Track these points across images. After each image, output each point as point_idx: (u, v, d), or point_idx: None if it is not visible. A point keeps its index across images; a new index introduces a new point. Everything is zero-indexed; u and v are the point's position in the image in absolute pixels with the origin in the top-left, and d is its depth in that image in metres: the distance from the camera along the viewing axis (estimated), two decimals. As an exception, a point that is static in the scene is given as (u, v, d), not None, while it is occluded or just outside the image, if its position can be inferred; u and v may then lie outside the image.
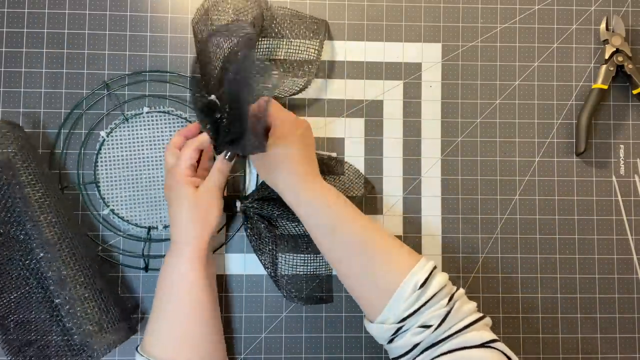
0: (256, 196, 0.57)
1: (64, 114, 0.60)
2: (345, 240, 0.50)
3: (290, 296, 0.58)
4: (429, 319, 0.45)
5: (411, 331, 0.46)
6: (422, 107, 0.63)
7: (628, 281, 0.62)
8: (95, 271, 0.55)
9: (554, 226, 0.63)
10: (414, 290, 0.46)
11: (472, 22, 0.64)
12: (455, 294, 0.47)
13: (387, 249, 0.49)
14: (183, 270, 0.52)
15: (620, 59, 0.63)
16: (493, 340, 0.45)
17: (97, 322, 0.52)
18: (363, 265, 0.49)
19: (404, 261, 0.48)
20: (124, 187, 0.60)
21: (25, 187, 0.51)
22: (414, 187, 0.62)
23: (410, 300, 0.46)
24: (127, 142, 0.60)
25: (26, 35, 0.60)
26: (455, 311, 0.46)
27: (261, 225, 0.57)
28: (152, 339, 0.52)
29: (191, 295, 0.52)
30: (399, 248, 0.50)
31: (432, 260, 0.49)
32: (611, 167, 0.64)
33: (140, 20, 0.61)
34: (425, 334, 0.45)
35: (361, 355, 0.60)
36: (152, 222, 0.60)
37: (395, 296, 0.47)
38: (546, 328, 0.62)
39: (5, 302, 0.52)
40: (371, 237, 0.50)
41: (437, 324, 0.45)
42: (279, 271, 0.58)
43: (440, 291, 0.47)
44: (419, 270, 0.47)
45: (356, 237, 0.49)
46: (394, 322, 0.47)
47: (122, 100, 0.60)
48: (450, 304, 0.46)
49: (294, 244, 0.59)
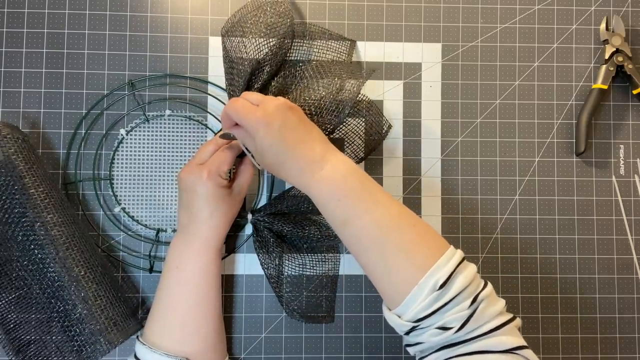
0: (268, 210, 0.58)
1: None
2: (358, 235, 0.46)
3: (291, 313, 0.59)
4: (449, 321, 0.42)
5: (429, 331, 0.42)
6: (422, 107, 0.63)
7: (628, 281, 0.62)
8: (103, 268, 0.55)
9: (554, 226, 0.63)
10: (432, 290, 0.42)
11: (472, 22, 0.64)
12: (480, 294, 0.43)
13: (406, 244, 0.44)
14: (207, 262, 0.53)
15: (620, 59, 0.63)
16: (520, 347, 0.41)
17: (110, 318, 0.53)
18: (377, 261, 0.45)
19: (425, 257, 0.44)
20: (137, 187, 0.60)
21: (29, 188, 0.52)
22: (414, 187, 0.62)
23: (428, 300, 0.42)
24: (145, 142, 0.60)
25: (26, 35, 0.60)
26: (479, 313, 0.42)
27: (270, 240, 0.58)
28: (156, 328, 0.52)
29: (209, 286, 0.53)
30: (420, 241, 0.45)
31: (459, 252, 0.45)
32: (611, 167, 0.64)
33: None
34: (444, 335, 0.42)
35: (361, 355, 0.60)
36: (162, 225, 0.60)
37: (411, 296, 0.43)
38: (546, 328, 0.62)
39: (5, 303, 0.52)
40: (385, 232, 0.45)
41: (458, 326, 0.41)
42: (282, 287, 0.58)
43: (464, 291, 0.42)
44: (440, 268, 0.43)
45: (369, 233, 0.45)
46: (409, 320, 0.43)
47: (145, 101, 0.60)
48: (473, 306, 0.42)
49: (300, 262, 0.60)
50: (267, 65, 0.57)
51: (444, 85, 0.63)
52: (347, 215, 0.46)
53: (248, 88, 0.57)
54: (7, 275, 0.52)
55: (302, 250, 0.60)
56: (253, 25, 0.57)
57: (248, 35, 0.57)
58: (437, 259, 0.43)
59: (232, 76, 0.57)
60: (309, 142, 0.48)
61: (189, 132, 0.61)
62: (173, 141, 0.61)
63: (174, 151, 0.61)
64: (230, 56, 0.57)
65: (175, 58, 0.61)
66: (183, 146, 0.61)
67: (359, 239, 0.46)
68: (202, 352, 0.52)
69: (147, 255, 0.60)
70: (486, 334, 0.42)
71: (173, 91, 0.61)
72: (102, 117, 0.60)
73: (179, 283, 0.52)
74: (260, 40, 0.57)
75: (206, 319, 0.53)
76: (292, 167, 0.48)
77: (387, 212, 0.46)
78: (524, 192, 0.63)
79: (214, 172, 0.52)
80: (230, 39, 0.58)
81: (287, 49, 0.60)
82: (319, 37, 0.62)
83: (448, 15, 0.64)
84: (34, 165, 0.53)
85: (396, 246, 0.44)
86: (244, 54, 0.57)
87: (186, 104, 0.61)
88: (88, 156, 0.60)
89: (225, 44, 0.58)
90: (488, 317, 0.42)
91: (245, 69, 0.56)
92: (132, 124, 0.60)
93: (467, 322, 0.42)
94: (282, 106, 0.48)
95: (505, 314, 0.44)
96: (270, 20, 0.58)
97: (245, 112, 0.48)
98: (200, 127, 0.61)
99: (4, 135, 0.52)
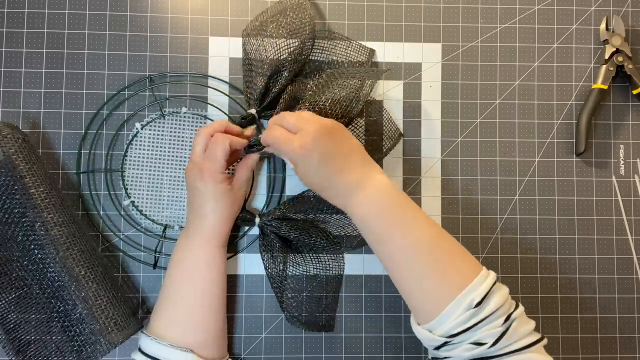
0: (276, 215, 0.58)
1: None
2: (393, 253, 0.48)
3: (291, 319, 0.59)
4: (483, 337, 0.43)
5: (463, 346, 0.44)
6: (422, 107, 0.63)
7: (628, 281, 0.62)
8: (103, 268, 0.55)
9: (554, 226, 0.63)
10: (468, 308, 0.44)
11: (472, 22, 0.64)
12: (513, 314, 0.45)
13: (441, 263, 0.46)
14: (210, 256, 0.53)
15: (620, 59, 0.63)
16: None
17: (110, 317, 0.53)
18: (411, 278, 0.47)
19: (460, 276, 0.45)
20: (148, 182, 0.60)
21: (30, 188, 0.52)
22: (414, 187, 0.62)
23: (463, 317, 0.44)
24: (160, 138, 0.60)
25: (26, 35, 0.60)
26: (512, 331, 0.44)
27: (276, 245, 0.58)
28: (161, 321, 0.52)
29: (212, 280, 0.53)
30: (455, 260, 0.47)
31: (492, 274, 0.47)
32: (611, 167, 0.64)
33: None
34: (477, 350, 0.43)
35: (361, 355, 0.60)
36: (169, 221, 0.60)
37: (446, 312, 0.44)
38: (546, 328, 0.62)
39: (5, 303, 0.52)
40: (421, 252, 0.47)
41: (491, 342, 0.43)
42: (285, 292, 0.59)
43: (498, 310, 0.44)
44: (476, 287, 0.45)
45: (405, 252, 0.47)
46: (442, 335, 0.45)
47: (162, 97, 0.60)
48: (506, 324, 0.44)
49: (304, 269, 0.60)
50: (285, 70, 0.58)
51: (444, 85, 0.63)
52: (384, 235, 0.48)
53: (266, 91, 0.58)
54: (7, 275, 0.52)
55: (307, 257, 0.60)
56: (274, 30, 0.58)
57: (269, 39, 0.58)
58: (472, 279, 0.45)
59: (251, 79, 0.58)
60: (347, 170, 0.49)
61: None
62: (186, 139, 0.61)
63: (187, 148, 0.60)
64: (250, 58, 0.58)
65: (175, 58, 0.61)
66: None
67: (394, 257, 0.48)
68: (205, 344, 0.53)
69: (153, 251, 0.60)
70: (518, 351, 0.44)
71: (191, 90, 0.61)
72: (123, 105, 0.60)
73: (184, 276, 0.53)
74: (281, 44, 0.57)
75: (210, 312, 0.53)
76: (331, 194, 0.50)
77: (423, 232, 0.47)
78: (524, 192, 0.63)
79: (212, 170, 0.52)
80: (251, 41, 0.58)
81: (308, 54, 0.61)
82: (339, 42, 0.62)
83: (448, 15, 0.64)
84: (34, 165, 0.53)
85: (432, 266, 0.46)
86: (264, 57, 0.57)
87: (203, 103, 0.61)
88: (101, 147, 0.60)
89: (246, 46, 0.59)
90: (520, 335, 0.44)
91: (264, 72, 0.57)
92: (147, 118, 0.60)
93: (500, 339, 0.43)
94: (320, 133, 0.48)
95: (535, 334, 0.45)
96: (294, 26, 0.58)
97: (284, 143, 0.49)
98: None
99: (4, 135, 0.52)
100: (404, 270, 0.47)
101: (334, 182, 0.49)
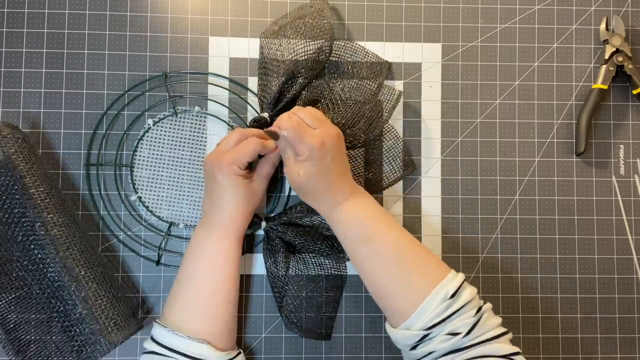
0: (282, 220, 0.58)
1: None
2: (377, 251, 0.51)
3: (290, 325, 0.59)
4: (458, 327, 0.47)
5: (439, 338, 0.47)
6: (422, 107, 0.63)
7: (628, 281, 0.62)
8: (104, 268, 0.55)
9: (554, 226, 0.63)
10: (443, 300, 0.47)
11: (472, 22, 0.64)
12: (483, 307, 0.48)
13: (419, 260, 0.51)
14: (229, 247, 0.53)
15: (620, 59, 0.63)
16: (515, 353, 0.47)
17: (110, 317, 0.53)
18: (393, 276, 0.50)
19: (434, 273, 0.50)
20: (156, 178, 0.60)
21: (30, 188, 0.52)
22: (414, 187, 0.62)
23: (439, 309, 0.47)
24: (170, 135, 0.60)
25: (26, 35, 0.60)
26: (483, 322, 0.47)
27: (280, 249, 0.58)
28: (177, 312, 0.52)
29: (230, 271, 0.53)
30: (429, 260, 0.51)
31: (461, 273, 0.50)
32: (611, 167, 0.64)
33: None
34: (452, 340, 0.46)
35: (361, 355, 0.60)
36: (175, 219, 0.60)
37: (424, 305, 0.48)
38: (546, 328, 0.62)
39: (5, 303, 0.52)
40: (403, 249, 0.51)
41: (465, 331, 0.46)
42: (285, 297, 0.59)
43: (470, 302, 0.48)
44: (449, 282, 0.49)
45: (388, 249, 0.51)
46: (420, 329, 0.48)
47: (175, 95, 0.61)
48: (478, 315, 0.47)
49: (306, 276, 0.60)
50: (301, 77, 0.58)
51: (444, 85, 0.63)
52: (369, 234, 0.51)
53: (280, 96, 0.58)
54: (7, 275, 0.52)
55: (309, 264, 0.60)
56: (293, 35, 0.59)
57: (287, 41, 0.58)
58: (446, 275, 0.49)
59: (266, 82, 0.58)
60: (342, 182, 0.53)
61: (215, 131, 0.61)
62: (196, 138, 0.61)
63: (196, 148, 0.60)
64: (266, 61, 0.58)
65: (175, 58, 0.61)
66: (206, 144, 0.61)
67: (379, 254, 0.51)
68: (221, 336, 0.52)
69: (157, 247, 0.60)
70: (488, 341, 0.47)
71: (203, 89, 0.61)
72: (133, 103, 0.60)
73: (202, 267, 0.53)
74: (299, 49, 0.58)
75: (227, 303, 0.53)
76: (321, 201, 0.53)
77: (402, 233, 0.53)
78: (524, 192, 0.63)
79: (232, 161, 0.52)
80: (269, 45, 0.59)
81: (324, 62, 0.61)
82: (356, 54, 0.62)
83: (448, 15, 0.64)
84: (34, 165, 0.53)
85: (413, 260, 0.51)
86: (280, 58, 0.58)
87: (216, 103, 0.61)
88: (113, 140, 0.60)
89: (263, 49, 0.59)
90: (490, 326, 0.48)
91: (279, 73, 0.57)
92: (160, 115, 0.60)
93: (473, 328, 0.47)
94: (337, 138, 0.52)
95: (502, 328, 0.49)
96: (313, 33, 0.59)
97: (305, 133, 0.50)
98: (228, 128, 0.61)
99: (4, 135, 0.52)
100: (389, 265, 0.50)
101: (330, 190, 0.52)
